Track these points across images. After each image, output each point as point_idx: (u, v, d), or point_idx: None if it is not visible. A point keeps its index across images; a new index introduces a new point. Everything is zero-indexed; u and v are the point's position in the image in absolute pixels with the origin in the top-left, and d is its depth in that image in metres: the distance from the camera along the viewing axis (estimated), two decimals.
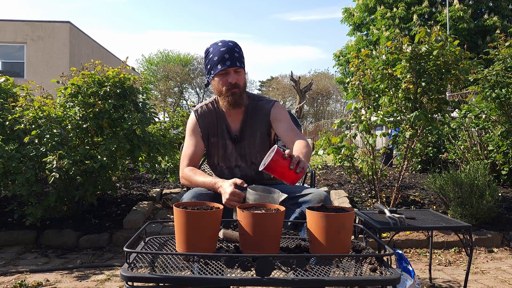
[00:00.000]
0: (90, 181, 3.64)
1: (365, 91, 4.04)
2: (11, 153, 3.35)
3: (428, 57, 3.70)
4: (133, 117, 3.56)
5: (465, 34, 14.30)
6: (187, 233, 1.27)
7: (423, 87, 3.76)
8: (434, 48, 3.64)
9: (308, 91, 21.18)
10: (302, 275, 1.19)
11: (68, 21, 17.77)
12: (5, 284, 2.58)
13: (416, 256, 3.28)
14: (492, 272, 2.88)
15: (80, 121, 3.58)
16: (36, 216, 3.38)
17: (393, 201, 4.04)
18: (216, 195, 1.70)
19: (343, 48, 17.99)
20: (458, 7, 14.21)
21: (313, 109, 39.08)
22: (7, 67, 17.18)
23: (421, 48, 3.67)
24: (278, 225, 1.33)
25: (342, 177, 5.37)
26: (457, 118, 5.36)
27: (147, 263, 1.26)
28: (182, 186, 4.89)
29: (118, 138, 3.52)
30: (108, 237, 3.54)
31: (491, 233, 3.50)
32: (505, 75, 4.33)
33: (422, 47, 3.67)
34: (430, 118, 3.76)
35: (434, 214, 2.48)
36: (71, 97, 3.65)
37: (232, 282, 1.20)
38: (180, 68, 33.98)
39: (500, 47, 4.57)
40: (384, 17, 15.60)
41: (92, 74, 3.70)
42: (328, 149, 4.01)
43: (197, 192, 1.74)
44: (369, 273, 1.25)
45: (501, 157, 4.62)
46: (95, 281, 2.68)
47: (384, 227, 2.11)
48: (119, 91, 3.66)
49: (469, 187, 3.57)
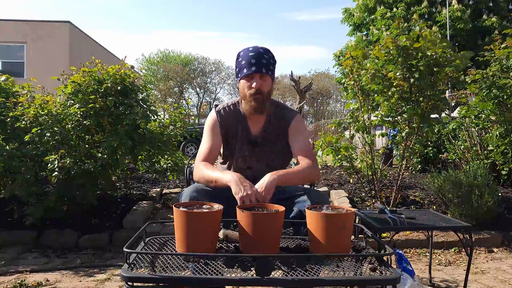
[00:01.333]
0: (91, 181, 3.64)
1: (363, 91, 4.04)
2: (11, 152, 3.34)
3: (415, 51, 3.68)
4: (137, 112, 3.55)
5: (464, 34, 14.30)
6: (187, 234, 1.27)
7: (414, 84, 3.74)
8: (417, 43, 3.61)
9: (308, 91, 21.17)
10: (302, 275, 1.19)
11: (68, 21, 17.76)
12: (5, 284, 2.58)
13: (416, 256, 3.28)
14: (492, 272, 2.89)
15: (81, 118, 3.57)
16: (36, 216, 3.38)
17: (393, 201, 4.04)
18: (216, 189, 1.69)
19: (343, 48, 18.00)
20: (457, 7, 14.21)
21: (313, 109, 39.06)
22: (7, 67, 17.15)
23: (401, 39, 3.66)
24: (278, 225, 1.34)
25: (342, 177, 5.37)
26: (457, 118, 5.36)
27: (147, 263, 1.27)
28: (182, 186, 4.89)
29: (119, 135, 3.51)
30: (108, 237, 3.54)
31: (491, 233, 3.50)
32: (501, 76, 4.34)
33: (402, 38, 3.66)
34: (422, 114, 3.75)
35: (434, 214, 2.48)
36: (71, 95, 3.65)
37: (232, 282, 1.21)
38: (180, 68, 33.97)
39: (495, 48, 4.58)
40: (384, 17, 15.60)
41: (92, 71, 3.69)
42: (326, 149, 4.02)
43: (197, 187, 1.74)
44: (369, 273, 1.26)
45: (501, 157, 4.62)
46: (95, 281, 2.68)
47: (384, 227, 2.11)
48: (119, 87, 3.65)
49: (468, 187, 3.57)
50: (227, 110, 1.94)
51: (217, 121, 1.92)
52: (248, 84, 1.82)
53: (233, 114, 1.93)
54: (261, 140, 1.92)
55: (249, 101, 1.82)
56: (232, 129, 1.93)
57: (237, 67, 1.87)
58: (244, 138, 1.92)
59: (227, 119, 1.92)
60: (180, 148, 11.03)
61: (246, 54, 1.83)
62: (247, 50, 1.84)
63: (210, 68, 37.33)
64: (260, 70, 1.79)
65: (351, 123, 4.00)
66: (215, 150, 1.90)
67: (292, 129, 1.91)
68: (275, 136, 1.92)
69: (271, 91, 1.88)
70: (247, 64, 1.80)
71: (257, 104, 1.81)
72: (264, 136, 1.92)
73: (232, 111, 1.94)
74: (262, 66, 1.80)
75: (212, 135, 1.90)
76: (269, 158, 1.94)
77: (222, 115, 1.93)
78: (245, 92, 1.83)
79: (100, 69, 3.73)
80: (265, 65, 1.81)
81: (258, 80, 1.80)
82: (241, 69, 1.84)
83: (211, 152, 1.88)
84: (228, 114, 1.93)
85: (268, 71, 1.82)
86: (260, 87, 1.80)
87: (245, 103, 1.86)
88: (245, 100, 1.85)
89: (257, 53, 1.81)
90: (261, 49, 1.84)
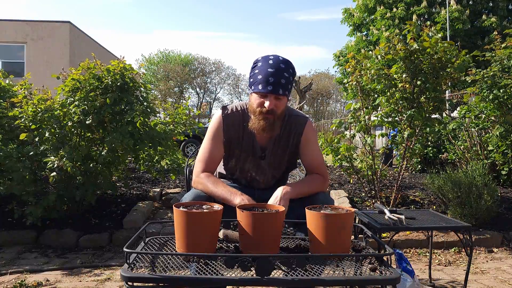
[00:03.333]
0: (91, 181, 3.64)
1: (363, 92, 4.04)
2: (9, 152, 3.34)
3: (422, 54, 3.69)
4: (136, 108, 3.54)
5: (463, 35, 14.31)
6: (187, 234, 1.27)
7: (419, 86, 3.75)
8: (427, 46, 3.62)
9: (308, 91, 21.21)
10: (302, 275, 1.19)
11: (68, 21, 17.77)
12: (5, 284, 2.58)
13: (416, 256, 3.28)
14: (492, 272, 2.89)
15: (81, 115, 3.56)
16: (36, 216, 3.38)
17: (393, 201, 4.04)
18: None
19: (343, 48, 18.02)
20: (455, 7, 14.21)
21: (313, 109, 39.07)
22: (7, 67, 17.14)
23: (412, 44, 3.66)
24: (278, 225, 1.34)
25: (342, 177, 5.37)
26: (457, 118, 5.36)
27: (147, 263, 1.27)
28: (182, 186, 4.89)
29: (121, 132, 3.50)
30: (108, 237, 3.54)
31: (491, 233, 3.50)
32: (502, 76, 4.34)
33: (414, 44, 3.66)
34: (426, 117, 3.75)
35: (434, 214, 2.48)
36: (71, 93, 3.64)
37: (232, 282, 1.21)
38: (180, 68, 33.98)
39: (496, 48, 4.57)
40: (384, 18, 15.61)
41: (91, 67, 3.66)
42: (325, 149, 4.02)
43: (198, 194, 1.70)
44: (369, 273, 1.26)
45: (501, 157, 4.63)
46: (95, 281, 2.68)
47: (384, 227, 2.11)
48: (119, 83, 3.64)
49: (468, 187, 3.57)
50: (234, 116, 1.80)
51: (221, 127, 1.78)
52: (260, 101, 1.67)
53: (240, 122, 1.79)
54: (269, 153, 1.81)
55: (258, 119, 1.69)
56: (238, 138, 1.80)
57: (252, 77, 1.71)
58: (249, 150, 1.81)
59: (233, 126, 1.79)
60: (180, 148, 11.03)
61: (265, 69, 1.66)
62: (267, 63, 1.67)
63: (210, 68, 37.38)
64: (277, 91, 1.64)
65: (352, 123, 4.00)
66: (216, 157, 1.79)
67: (304, 138, 1.82)
68: (284, 147, 1.82)
69: (284, 109, 1.74)
70: (263, 81, 1.64)
71: (266, 124, 1.68)
72: (273, 149, 1.82)
73: (240, 119, 1.79)
74: (279, 87, 1.64)
75: (214, 143, 1.78)
76: (275, 170, 1.86)
77: (228, 120, 1.79)
78: (255, 108, 1.69)
79: (100, 66, 3.72)
80: (283, 85, 1.65)
81: (273, 100, 1.65)
82: (256, 83, 1.67)
83: (212, 160, 1.78)
84: (235, 122, 1.79)
85: (285, 92, 1.67)
86: (273, 108, 1.66)
87: (254, 118, 1.71)
88: (254, 115, 1.71)
89: (276, 69, 1.65)
90: (282, 64, 1.67)
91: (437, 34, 3.67)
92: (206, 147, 1.79)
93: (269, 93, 1.64)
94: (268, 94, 1.65)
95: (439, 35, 3.67)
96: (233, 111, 1.81)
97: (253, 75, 1.71)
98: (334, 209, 1.41)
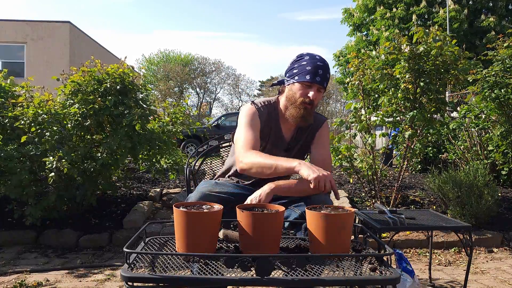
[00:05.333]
0: (91, 181, 3.64)
1: (364, 91, 4.04)
2: (9, 152, 3.34)
3: (427, 57, 3.70)
4: (133, 113, 3.55)
5: (462, 35, 14.30)
6: (187, 234, 1.27)
7: (422, 87, 3.76)
8: (432, 48, 3.64)
9: None
10: (302, 275, 1.19)
11: (68, 21, 17.78)
12: (5, 284, 2.58)
13: (416, 256, 3.28)
14: (492, 272, 2.89)
15: (81, 117, 3.57)
16: (36, 217, 3.38)
17: (393, 201, 4.04)
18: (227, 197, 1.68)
19: (343, 48, 18.00)
20: (453, 7, 14.21)
21: None
22: (7, 67, 17.10)
23: (419, 48, 3.67)
24: (278, 225, 1.34)
25: (342, 177, 5.37)
26: (457, 118, 5.36)
27: (147, 263, 1.27)
28: (182, 186, 4.89)
29: (119, 135, 3.51)
30: (108, 237, 3.54)
31: (491, 233, 3.50)
32: (504, 76, 4.33)
33: (420, 47, 3.67)
34: (428, 118, 3.76)
35: (434, 214, 2.48)
36: (71, 95, 3.65)
37: (232, 282, 1.21)
38: (180, 68, 33.97)
39: (499, 47, 4.56)
40: (383, 18, 15.60)
41: (92, 71, 3.68)
42: None
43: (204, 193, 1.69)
44: (369, 273, 1.26)
45: (501, 157, 4.62)
46: (95, 281, 2.68)
47: (384, 227, 2.11)
48: (119, 87, 3.65)
49: (468, 187, 3.57)
50: (265, 109, 1.86)
51: (257, 115, 1.83)
52: (304, 91, 1.75)
53: (268, 114, 1.86)
54: (292, 146, 1.90)
55: (299, 108, 1.76)
56: (265, 129, 1.85)
57: (297, 68, 1.78)
58: (276, 142, 1.88)
59: (263, 117, 1.85)
60: (180, 148, 11.02)
61: (313, 62, 1.75)
62: (314, 58, 1.78)
63: (210, 68, 37.35)
64: (322, 84, 1.76)
65: (354, 122, 4.00)
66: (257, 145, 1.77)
67: (318, 135, 1.89)
68: (307, 140, 1.90)
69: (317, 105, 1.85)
70: (312, 72, 1.73)
71: (306, 113, 1.76)
72: (297, 141, 1.90)
73: (267, 112, 1.86)
74: (324, 80, 1.76)
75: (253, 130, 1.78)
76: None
77: (261, 111, 1.85)
78: (297, 98, 1.76)
79: (100, 69, 3.73)
80: (327, 79, 1.77)
81: (316, 92, 1.75)
82: (302, 73, 1.75)
83: (256, 143, 1.77)
84: (265, 113, 1.86)
85: (325, 86, 1.80)
86: (314, 99, 1.75)
87: (292, 108, 1.79)
88: (293, 104, 1.78)
89: (324, 65, 1.77)
90: (326, 62, 1.80)
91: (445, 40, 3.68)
92: (247, 131, 1.78)
93: (316, 83, 1.74)
94: (313, 85, 1.75)
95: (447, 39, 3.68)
96: (264, 104, 1.88)
97: (298, 66, 1.78)
98: (334, 209, 1.41)
